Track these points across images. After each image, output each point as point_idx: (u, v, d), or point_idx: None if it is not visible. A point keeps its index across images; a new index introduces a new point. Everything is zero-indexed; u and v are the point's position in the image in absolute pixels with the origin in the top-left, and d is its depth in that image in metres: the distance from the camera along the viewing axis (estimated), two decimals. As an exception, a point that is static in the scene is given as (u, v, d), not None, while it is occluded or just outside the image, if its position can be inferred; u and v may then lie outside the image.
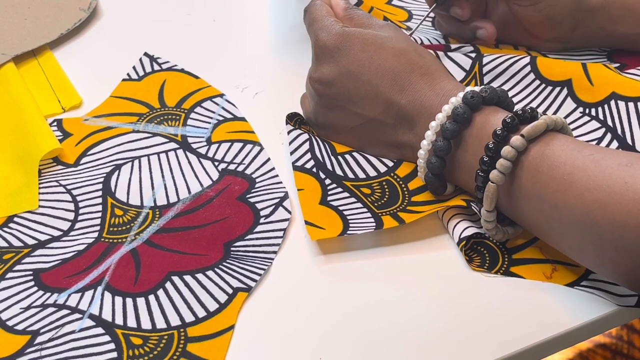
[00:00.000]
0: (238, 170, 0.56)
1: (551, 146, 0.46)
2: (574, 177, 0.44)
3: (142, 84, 0.65)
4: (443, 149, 0.49)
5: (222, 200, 0.54)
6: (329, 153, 0.55)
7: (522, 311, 0.47)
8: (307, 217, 0.51)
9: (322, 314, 0.47)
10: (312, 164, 0.54)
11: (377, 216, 0.51)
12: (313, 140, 0.56)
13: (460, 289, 0.48)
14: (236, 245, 0.51)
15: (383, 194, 0.53)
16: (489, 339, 0.45)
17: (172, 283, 0.49)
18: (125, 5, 0.75)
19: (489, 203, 0.47)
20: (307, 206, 0.51)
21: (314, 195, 0.52)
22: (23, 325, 0.47)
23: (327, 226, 0.50)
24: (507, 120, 0.47)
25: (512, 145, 0.46)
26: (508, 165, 0.46)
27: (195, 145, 0.59)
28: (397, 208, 0.52)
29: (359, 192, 0.53)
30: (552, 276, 0.48)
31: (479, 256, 0.50)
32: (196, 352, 0.45)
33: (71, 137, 0.60)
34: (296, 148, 0.55)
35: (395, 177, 0.54)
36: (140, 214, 0.53)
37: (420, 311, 0.47)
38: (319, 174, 0.53)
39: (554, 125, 0.47)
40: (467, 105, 0.49)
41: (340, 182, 0.53)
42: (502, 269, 0.49)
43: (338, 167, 0.54)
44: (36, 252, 0.51)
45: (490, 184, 0.46)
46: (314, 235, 0.49)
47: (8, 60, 0.67)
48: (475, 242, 0.50)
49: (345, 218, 0.51)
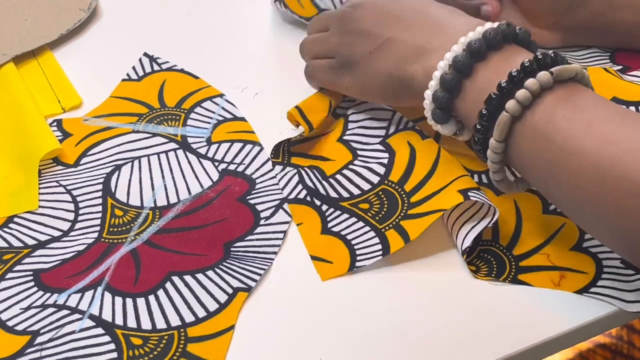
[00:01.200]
0: (238, 170, 0.56)
1: (575, 93, 0.44)
2: (593, 126, 0.42)
3: (142, 84, 0.65)
4: (464, 64, 0.47)
5: (222, 202, 0.54)
6: (319, 179, 0.54)
7: (522, 312, 0.47)
8: (311, 251, 0.50)
9: (322, 314, 0.47)
10: (305, 194, 0.53)
11: (382, 234, 0.50)
12: (301, 171, 0.55)
13: (459, 290, 0.48)
14: (236, 246, 0.51)
15: (382, 205, 0.52)
16: (489, 340, 0.45)
17: (172, 283, 0.49)
18: (125, 6, 0.75)
19: (499, 132, 0.45)
20: (310, 239, 0.51)
21: (314, 226, 0.52)
22: (23, 325, 0.47)
23: (334, 258, 0.50)
24: (539, 56, 0.44)
25: (539, 79, 0.44)
26: (528, 97, 0.43)
27: (195, 146, 0.59)
28: (398, 216, 0.51)
29: (357, 210, 0.52)
30: (560, 283, 0.48)
31: (486, 264, 0.49)
32: (196, 352, 0.45)
33: (71, 137, 0.60)
34: (286, 183, 0.54)
35: (390, 184, 0.53)
36: (141, 214, 0.53)
37: (420, 311, 0.47)
38: (313, 201, 0.53)
39: (582, 77, 0.45)
40: (502, 32, 0.47)
41: (337, 204, 0.53)
42: (510, 277, 0.48)
43: (332, 190, 0.53)
44: (36, 252, 0.51)
45: (504, 113, 0.44)
46: (323, 274, 0.49)
47: (8, 60, 0.67)
48: (481, 250, 0.50)
49: (350, 244, 0.50)
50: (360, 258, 0.49)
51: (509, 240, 0.51)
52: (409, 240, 0.49)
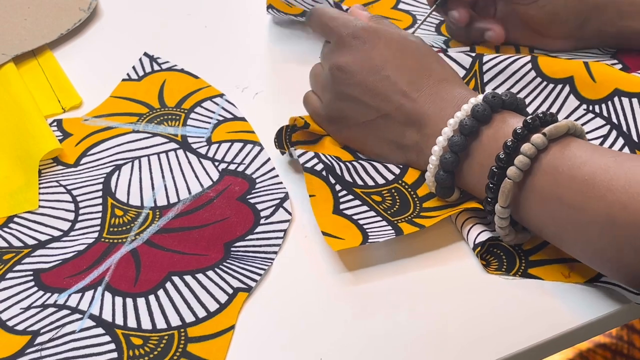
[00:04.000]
0: (238, 170, 0.56)
1: (571, 147, 0.46)
2: (595, 178, 0.43)
3: (142, 84, 0.65)
4: (459, 145, 0.49)
5: (223, 201, 0.54)
6: (336, 159, 0.54)
7: (522, 312, 0.47)
8: (323, 227, 0.50)
9: (322, 314, 0.47)
10: (321, 167, 0.53)
11: (394, 223, 0.50)
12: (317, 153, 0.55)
13: (459, 290, 0.48)
14: (236, 246, 0.51)
15: (394, 202, 0.52)
16: (489, 340, 0.45)
17: (172, 283, 0.49)
18: (125, 5, 0.75)
19: (504, 199, 0.46)
20: (322, 216, 0.51)
21: (326, 204, 0.51)
22: (23, 325, 0.47)
23: (346, 236, 0.49)
24: (528, 121, 0.46)
25: (533, 142, 0.45)
26: (527, 162, 0.45)
27: (195, 146, 0.58)
28: (410, 215, 0.51)
29: (370, 200, 0.52)
30: (571, 275, 0.48)
31: (496, 259, 0.49)
32: (196, 353, 0.45)
33: (71, 137, 0.60)
34: (302, 153, 0.54)
35: (404, 185, 0.53)
36: (141, 214, 0.53)
37: (421, 311, 0.47)
38: (328, 178, 0.53)
39: (575, 129, 0.47)
40: (488, 104, 0.49)
41: (350, 188, 0.53)
42: (520, 271, 0.48)
43: (347, 173, 0.53)
44: (36, 252, 0.51)
45: (507, 180, 0.46)
46: (335, 245, 0.49)
47: (8, 60, 0.67)
48: (491, 245, 0.50)
49: (362, 227, 0.50)
50: (372, 235, 0.49)
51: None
52: (423, 227, 0.49)
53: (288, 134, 0.57)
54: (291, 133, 0.57)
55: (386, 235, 0.49)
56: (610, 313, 0.46)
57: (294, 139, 0.57)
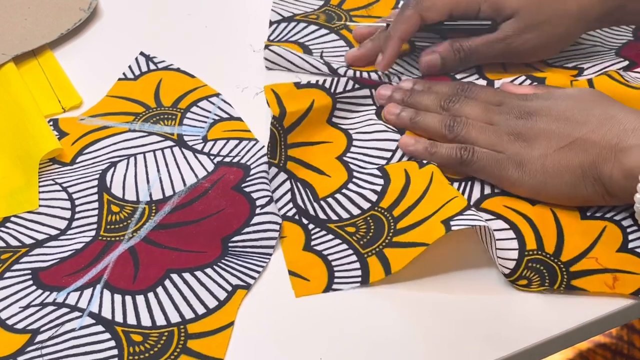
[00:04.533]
0: (233, 161, 0.56)
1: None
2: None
3: (138, 84, 0.65)
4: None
5: (218, 191, 0.54)
6: (311, 200, 0.54)
7: (522, 311, 0.47)
8: (290, 266, 0.50)
9: (321, 311, 0.47)
10: (294, 212, 0.53)
11: (363, 260, 0.50)
12: (294, 187, 0.55)
13: (459, 290, 0.48)
14: (234, 241, 0.51)
15: (368, 229, 0.51)
16: (489, 339, 0.45)
17: (171, 281, 0.49)
18: (125, 5, 0.75)
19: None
20: (290, 254, 0.50)
21: (296, 242, 0.51)
22: (23, 324, 0.47)
23: (312, 277, 0.49)
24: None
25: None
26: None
27: (191, 143, 0.58)
28: (382, 243, 0.50)
29: (343, 233, 0.52)
30: (615, 285, 0.47)
31: (537, 274, 0.48)
32: (196, 348, 0.45)
33: (67, 136, 0.60)
34: (278, 198, 0.54)
35: (380, 210, 0.52)
36: (137, 209, 0.53)
37: (420, 311, 0.47)
38: (301, 220, 0.53)
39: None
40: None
41: (324, 225, 0.52)
42: (563, 285, 0.48)
43: (321, 212, 0.53)
44: (34, 251, 0.51)
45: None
46: (298, 290, 0.48)
47: (8, 60, 0.67)
48: (529, 260, 0.49)
49: (330, 264, 0.50)
50: (337, 280, 0.49)
51: (554, 248, 0.50)
52: (390, 272, 0.48)
53: (283, 136, 0.56)
54: (286, 135, 0.57)
55: (351, 281, 0.49)
56: (610, 313, 0.46)
57: (290, 140, 0.57)
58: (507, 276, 0.48)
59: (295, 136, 0.57)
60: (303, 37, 0.67)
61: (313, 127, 0.58)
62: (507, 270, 0.48)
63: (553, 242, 0.50)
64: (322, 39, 0.67)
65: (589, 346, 1.05)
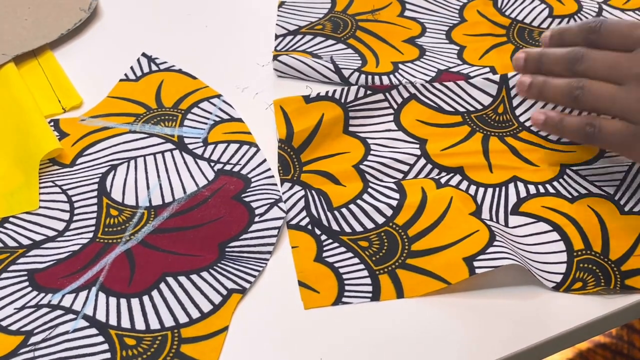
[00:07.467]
0: (234, 170, 0.56)
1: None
2: None
3: (140, 85, 0.65)
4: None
5: (217, 200, 0.54)
6: (325, 209, 0.53)
7: (522, 311, 0.47)
8: (300, 277, 0.49)
9: (316, 316, 0.47)
10: (307, 222, 0.53)
11: (375, 277, 0.49)
12: (309, 195, 0.54)
13: (458, 290, 0.48)
14: (231, 246, 0.51)
15: (381, 245, 0.51)
16: (489, 339, 0.45)
17: (166, 284, 0.48)
18: (125, 6, 0.75)
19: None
20: (301, 264, 0.50)
21: (308, 253, 0.51)
22: (17, 325, 0.47)
23: (322, 288, 0.49)
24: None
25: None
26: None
27: (191, 146, 0.58)
28: (395, 262, 0.50)
29: (355, 246, 0.51)
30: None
31: (591, 275, 0.48)
32: (190, 353, 0.45)
33: (68, 137, 0.60)
34: (292, 206, 0.53)
35: (394, 226, 0.52)
36: (136, 214, 0.53)
37: (420, 311, 0.47)
38: (314, 230, 0.52)
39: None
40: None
41: (337, 237, 0.52)
42: (618, 285, 0.47)
43: (334, 222, 0.52)
44: (31, 252, 0.51)
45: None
46: (307, 302, 0.48)
47: (8, 60, 0.67)
48: (579, 261, 0.49)
49: (341, 277, 0.49)
50: (347, 294, 0.48)
51: (601, 246, 0.49)
52: (402, 296, 0.48)
53: (295, 157, 0.56)
54: (298, 154, 0.56)
55: (362, 296, 0.48)
56: (610, 313, 0.46)
57: (305, 159, 0.56)
58: (560, 284, 0.47)
59: (310, 153, 0.57)
60: (310, 48, 0.67)
61: (330, 140, 0.58)
62: (558, 278, 0.47)
63: (599, 240, 0.49)
64: (330, 48, 0.66)
65: (589, 346, 1.05)
